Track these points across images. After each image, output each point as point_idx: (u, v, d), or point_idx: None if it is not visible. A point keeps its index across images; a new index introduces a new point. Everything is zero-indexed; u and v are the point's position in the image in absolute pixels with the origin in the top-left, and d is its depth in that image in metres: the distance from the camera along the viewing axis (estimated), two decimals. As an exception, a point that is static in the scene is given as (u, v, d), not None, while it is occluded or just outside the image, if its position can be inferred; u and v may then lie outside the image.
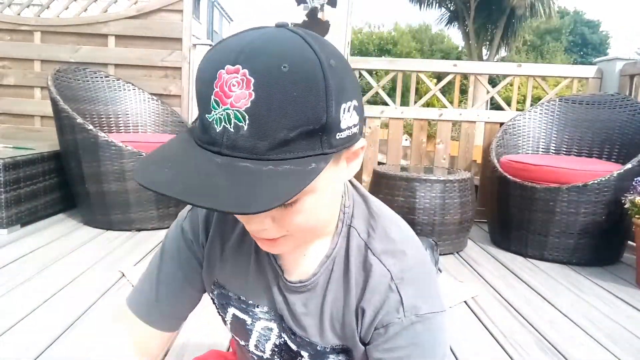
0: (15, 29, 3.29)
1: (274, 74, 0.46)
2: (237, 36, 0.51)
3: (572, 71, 3.34)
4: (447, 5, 17.27)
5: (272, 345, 0.71)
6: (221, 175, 0.47)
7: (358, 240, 0.63)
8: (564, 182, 2.39)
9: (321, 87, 0.47)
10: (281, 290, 0.66)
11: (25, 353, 1.33)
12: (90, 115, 2.90)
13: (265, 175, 0.46)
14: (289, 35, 0.50)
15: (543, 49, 26.53)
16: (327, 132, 0.49)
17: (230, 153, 0.47)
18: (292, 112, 0.46)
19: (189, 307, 0.76)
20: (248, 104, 0.46)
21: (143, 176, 0.49)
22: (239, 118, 0.46)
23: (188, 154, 0.50)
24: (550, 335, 1.63)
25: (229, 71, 0.47)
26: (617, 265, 2.46)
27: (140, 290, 0.73)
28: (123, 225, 2.61)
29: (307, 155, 0.48)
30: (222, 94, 0.47)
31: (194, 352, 1.36)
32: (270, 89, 0.46)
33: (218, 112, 0.47)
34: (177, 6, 3.23)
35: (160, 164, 0.50)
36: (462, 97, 8.00)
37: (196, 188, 0.46)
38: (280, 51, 0.48)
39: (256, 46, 0.48)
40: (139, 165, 0.51)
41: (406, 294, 0.60)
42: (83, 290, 1.79)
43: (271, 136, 0.46)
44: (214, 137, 0.48)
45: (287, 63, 0.46)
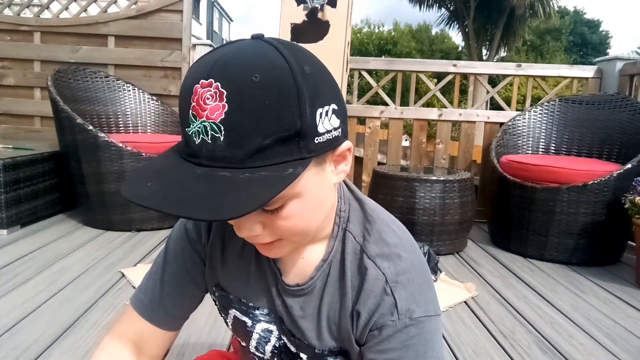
0: (15, 29, 3.29)
1: (245, 85, 0.48)
2: (213, 51, 0.53)
3: (572, 71, 3.34)
4: (446, 5, 17.28)
5: (272, 347, 0.71)
6: (200, 184, 0.48)
7: (354, 243, 0.63)
8: (564, 182, 2.39)
9: (292, 94, 0.48)
10: (280, 293, 0.67)
11: (25, 353, 1.33)
12: (90, 116, 2.90)
13: (242, 182, 0.48)
14: (261, 45, 0.51)
15: (543, 49, 26.52)
16: (304, 137, 0.50)
17: (209, 163, 0.49)
18: (265, 120, 0.47)
19: (192, 307, 0.77)
20: (222, 115, 0.47)
21: (128, 191, 0.51)
22: (214, 129, 0.48)
23: (171, 167, 0.52)
24: (550, 335, 1.63)
25: (203, 85, 0.49)
26: (617, 265, 2.46)
27: (144, 290, 0.74)
28: (123, 226, 2.61)
29: (285, 162, 0.49)
30: (198, 107, 0.49)
31: (194, 352, 1.36)
32: (242, 99, 0.47)
33: (196, 125, 0.49)
34: (177, 6, 3.23)
35: (145, 179, 0.53)
36: (462, 97, 8.00)
37: (174, 199, 0.48)
38: (251, 62, 0.49)
39: (228, 59, 0.50)
40: (128, 180, 0.54)
41: (400, 297, 0.60)
42: (83, 291, 1.79)
43: (247, 145, 0.48)
44: (194, 149, 0.50)
45: (258, 73, 0.48)
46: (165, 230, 2.68)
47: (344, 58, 2.91)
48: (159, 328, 0.73)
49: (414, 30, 29.21)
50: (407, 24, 29.88)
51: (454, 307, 1.83)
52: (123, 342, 0.72)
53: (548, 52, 26.10)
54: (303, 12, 3.05)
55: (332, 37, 3.05)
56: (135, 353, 0.72)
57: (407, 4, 17.66)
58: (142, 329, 0.72)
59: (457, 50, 28.08)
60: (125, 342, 0.72)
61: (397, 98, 3.40)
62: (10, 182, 2.42)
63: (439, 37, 29.36)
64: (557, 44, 27.48)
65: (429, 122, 3.48)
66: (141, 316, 0.72)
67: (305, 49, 0.55)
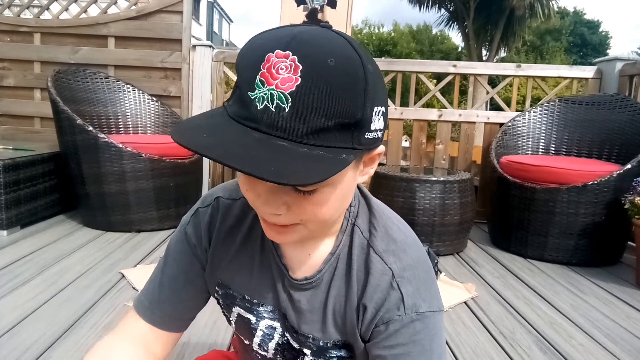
0: (15, 30, 3.29)
1: (321, 65, 0.49)
2: (286, 27, 0.54)
3: (571, 72, 3.34)
4: (446, 6, 17.28)
5: (275, 344, 0.72)
6: (260, 148, 0.48)
7: (361, 238, 0.65)
8: (563, 183, 2.39)
9: (361, 86, 0.50)
10: (286, 288, 0.67)
11: (25, 354, 1.33)
12: (90, 117, 2.90)
13: (301, 155, 0.48)
14: (334, 35, 0.53)
15: (543, 50, 26.52)
16: (359, 128, 0.51)
17: (268, 131, 0.49)
18: (332, 103, 0.49)
19: (194, 309, 0.77)
20: (293, 88, 0.48)
21: (182, 137, 0.50)
22: (282, 99, 0.48)
23: (225, 126, 0.51)
24: (550, 335, 1.63)
25: (279, 55, 0.49)
26: (617, 266, 2.46)
27: (145, 292, 0.75)
28: (123, 227, 2.61)
29: (339, 147, 0.50)
30: (268, 75, 0.49)
31: (194, 353, 1.36)
32: (316, 77, 0.48)
33: (262, 91, 0.49)
34: (177, 7, 3.23)
35: (197, 130, 0.52)
36: (461, 97, 8.00)
37: (237, 155, 0.47)
38: (328, 46, 0.51)
39: (306, 37, 0.51)
40: (175, 129, 0.52)
41: (407, 292, 0.61)
42: (83, 292, 1.79)
43: (310, 121, 0.48)
44: (254, 113, 0.50)
45: (333, 58, 0.49)
46: (165, 231, 2.68)
47: (343, 59, 2.91)
48: (159, 329, 0.74)
49: (414, 31, 29.22)
50: (407, 25, 29.92)
51: (454, 307, 1.83)
52: (127, 340, 0.73)
53: (548, 53, 26.10)
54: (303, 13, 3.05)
55: (332, 38, 3.04)
56: (137, 349, 0.72)
57: (406, 4, 17.68)
58: (144, 331, 0.73)
59: (457, 50, 28.09)
60: (129, 340, 0.73)
61: (396, 98, 3.40)
62: (10, 183, 2.42)
63: (438, 38, 29.37)
64: (557, 45, 27.49)
65: (428, 123, 3.48)
66: (142, 319, 0.73)
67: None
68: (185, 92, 3.28)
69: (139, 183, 2.57)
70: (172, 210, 2.72)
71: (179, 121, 3.16)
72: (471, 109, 3.49)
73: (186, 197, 2.79)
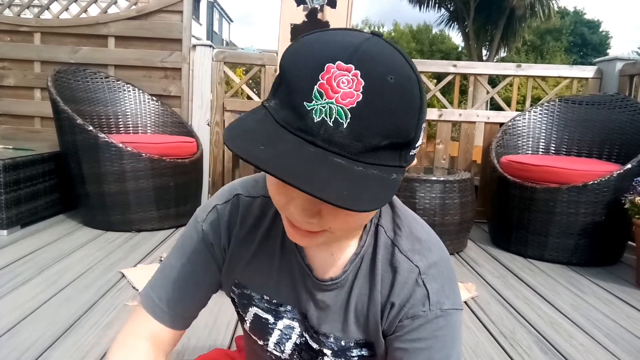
0: (15, 30, 3.29)
1: (382, 83, 0.48)
2: (345, 34, 0.52)
3: (571, 72, 3.34)
4: (446, 6, 17.27)
5: (292, 345, 0.72)
6: (319, 165, 0.46)
7: (385, 238, 0.65)
8: (563, 183, 2.39)
9: (416, 105, 0.50)
10: (309, 289, 0.67)
11: (25, 354, 1.33)
12: (90, 116, 2.90)
13: (359, 175, 0.47)
14: (389, 47, 0.52)
15: (543, 49, 26.51)
16: (408, 147, 0.51)
17: (324, 145, 0.47)
18: (389, 122, 0.48)
19: (201, 307, 0.77)
20: (353, 104, 0.47)
21: (239, 148, 0.47)
22: (341, 114, 0.47)
23: (279, 136, 0.48)
24: (550, 335, 1.63)
25: (341, 67, 0.47)
26: (617, 265, 2.46)
27: (156, 289, 0.73)
28: (123, 226, 2.61)
29: (390, 165, 0.50)
30: (328, 87, 0.47)
31: (194, 352, 1.36)
32: (377, 95, 0.47)
33: (320, 104, 0.47)
34: (177, 7, 3.23)
35: (252, 140, 0.48)
36: (461, 97, 7.99)
37: (299, 173, 0.45)
38: (388, 62, 0.50)
39: (367, 51, 0.49)
40: (229, 135, 0.49)
41: (432, 288, 0.62)
42: (83, 291, 1.79)
43: (366, 140, 0.47)
44: (310, 126, 0.47)
45: (394, 75, 0.48)
46: (165, 231, 2.68)
47: (343, 58, 2.91)
48: (167, 327, 0.73)
49: (414, 31, 29.21)
50: (408, 25, 29.90)
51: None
52: (139, 339, 0.72)
53: (548, 53, 26.09)
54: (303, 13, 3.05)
55: (332, 38, 3.04)
56: (151, 349, 0.72)
57: (406, 4, 17.66)
58: (153, 328, 0.72)
59: (457, 50, 28.07)
60: (140, 339, 0.72)
61: (397, 98, 3.40)
62: (11, 182, 2.42)
63: (438, 38, 29.36)
64: (557, 44, 27.47)
65: (429, 123, 3.48)
66: (151, 315, 0.72)
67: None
68: (185, 91, 3.28)
69: (139, 183, 2.57)
70: (172, 210, 2.72)
71: (180, 119, 3.16)
72: (471, 108, 3.49)
73: (186, 196, 2.79)
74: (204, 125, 3.30)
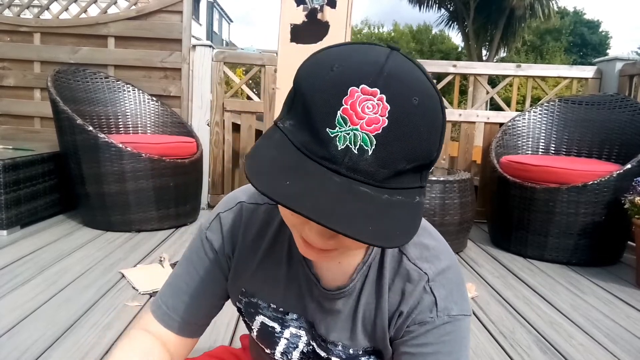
0: (15, 30, 3.29)
1: (407, 106, 0.46)
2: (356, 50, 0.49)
3: (571, 72, 3.34)
4: (446, 6, 17.27)
5: (299, 354, 0.71)
6: (347, 198, 0.45)
7: None
8: (563, 183, 2.39)
9: (439, 125, 0.48)
10: (316, 298, 0.66)
11: (25, 354, 1.33)
12: (90, 117, 2.90)
13: (385, 205, 0.46)
14: (409, 64, 0.50)
15: (543, 50, 26.53)
16: (428, 167, 0.50)
17: (348, 174, 0.46)
18: (414, 146, 0.46)
19: (211, 315, 0.76)
20: (379, 130, 0.45)
21: (267, 186, 0.45)
22: (366, 141, 0.45)
23: (302, 166, 0.46)
24: (550, 335, 1.63)
25: (365, 92, 0.45)
26: (617, 265, 2.46)
27: (164, 298, 0.73)
28: (123, 226, 2.61)
29: (412, 187, 0.49)
30: (352, 112, 0.45)
31: (194, 352, 1.36)
32: (402, 119, 0.45)
33: (344, 130, 0.45)
34: (177, 7, 3.23)
35: (276, 175, 0.46)
36: (461, 97, 8.00)
37: (328, 210, 0.43)
38: (412, 82, 0.48)
39: (391, 72, 0.47)
40: (251, 170, 0.47)
41: (440, 295, 0.62)
42: (83, 292, 1.79)
43: (392, 165, 0.46)
44: (333, 154, 0.45)
45: (418, 96, 0.47)
46: (165, 231, 2.68)
47: (343, 59, 2.90)
48: (177, 335, 0.73)
49: (414, 31, 29.21)
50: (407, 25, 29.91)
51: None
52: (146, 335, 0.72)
53: (548, 53, 26.10)
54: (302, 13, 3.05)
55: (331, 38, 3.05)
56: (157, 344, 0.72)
57: (406, 4, 17.67)
58: (161, 335, 0.72)
59: (456, 50, 28.09)
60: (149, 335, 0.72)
61: (397, 98, 3.40)
62: (10, 182, 2.42)
63: (438, 38, 29.37)
64: (556, 45, 27.49)
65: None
66: (160, 324, 0.72)
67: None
68: (185, 92, 3.28)
69: (139, 183, 2.57)
70: (172, 210, 2.72)
71: (180, 119, 3.16)
72: (471, 108, 3.50)
73: (186, 197, 2.79)
74: (203, 126, 3.30)
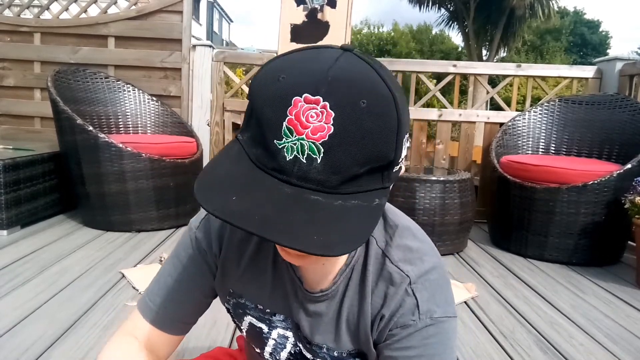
0: (15, 30, 3.29)
1: (353, 110, 0.45)
2: (304, 57, 0.49)
3: (571, 71, 3.34)
4: (446, 6, 17.27)
5: (287, 354, 0.72)
6: (296, 209, 0.45)
7: (376, 249, 0.64)
8: (563, 183, 2.39)
9: (394, 126, 0.47)
10: (300, 300, 0.67)
11: (25, 354, 1.33)
12: (90, 116, 2.90)
13: (337, 211, 0.46)
14: (361, 64, 0.49)
15: (543, 49, 26.52)
16: (390, 167, 0.49)
17: (299, 183, 0.46)
18: (366, 149, 0.46)
19: (198, 313, 0.77)
20: (325, 138, 0.45)
21: (212, 204, 0.45)
22: (313, 150, 0.45)
23: (253, 179, 0.47)
24: (550, 335, 1.63)
25: (308, 100, 0.45)
26: (617, 265, 2.46)
27: (151, 295, 0.74)
28: (123, 226, 2.61)
29: (371, 190, 0.48)
30: (297, 123, 0.45)
31: (194, 352, 1.36)
32: (349, 124, 0.45)
33: (290, 141, 0.45)
34: (177, 7, 3.23)
35: (225, 190, 0.47)
36: (461, 97, 7.99)
37: (273, 223, 0.44)
38: (359, 84, 0.47)
39: (336, 76, 0.46)
40: (200, 188, 0.48)
41: (422, 298, 0.61)
42: (83, 291, 1.79)
43: (343, 171, 0.46)
44: (282, 165, 0.46)
45: (365, 98, 0.46)
46: (165, 231, 2.68)
47: (343, 58, 2.90)
48: (164, 332, 0.73)
49: (414, 31, 29.21)
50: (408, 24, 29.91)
51: (454, 307, 1.83)
52: (132, 340, 0.72)
53: (548, 53, 26.09)
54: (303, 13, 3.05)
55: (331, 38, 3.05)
56: (143, 350, 0.72)
57: (406, 4, 17.66)
58: (148, 333, 0.72)
59: (457, 50, 28.07)
60: (134, 341, 0.72)
61: (397, 98, 3.40)
62: (11, 182, 2.42)
63: (438, 38, 29.36)
64: (557, 45, 27.48)
65: (429, 123, 3.49)
66: (147, 321, 0.72)
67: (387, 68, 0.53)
68: (185, 92, 3.28)
69: (139, 183, 2.57)
70: (172, 210, 2.72)
71: (180, 119, 3.16)
72: (471, 108, 3.49)
73: (186, 197, 2.79)
74: (204, 126, 3.30)
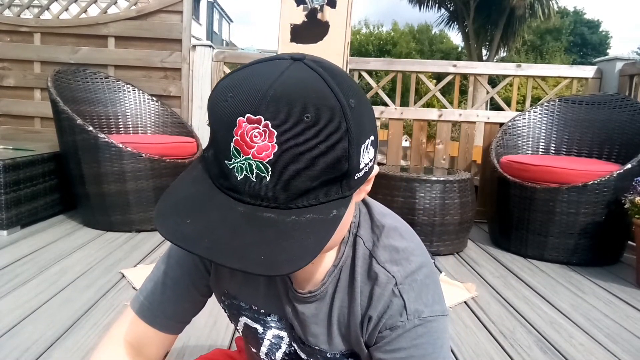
0: (15, 30, 3.29)
1: (297, 126, 0.45)
2: (252, 73, 0.49)
3: (571, 71, 3.34)
4: (446, 5, 17.26)
5: (282, 354, 0.72)
6: (247, 228, 0.46)
7: (363, 249, 0.64)
8: (563, 182, 2.39)
9: (343, 137, 0.46)
10: (290, 300, 0.67)
11: (25, 354, 1.33)
12: (90, 117, 2.90)
13: (289, 227, 0.46)
14: (309, 75, 0.48)
15: (543, 49, 26.52)
16: (347, 177, 0.49)
17: (252, 202, 0.47)
18: (315, 164, 0.46)
19: (193, 312, 0.77)
20: (271, 156, 0.45)
21: (166, 228, 0.47)
22: (261, 169, 0.46)
23: (210, 199, 0.48)
24: (550, 335, 1.63)
25: (250, 120, 0.45)
26: (617, 265, 2.46)
27: (145, 293, 0.73)
28: (123, 226, 2.61)
29: (328, 201, 0.48)
30: (243, 143, 0.45)
31: (194, 352, 1.37)
32: (294, 141, 0.45)
33: (239, 161, 0.46)
34: (177, 7, 3.23)
35: (180, 212, 0.48)
36: (461, 97, 8.00)
37: (223, 245, 0.45)
38: (301, 99, 0.46)
39: (277, 93, 0.45)
40: (158, 212, 0.49)
41: (409, 298, 0.61)
42: (83, 292, 1.79)
43: (294, 187, 0.46)
44: (235, 184, 0.47)
45: (309, 112, 0.45)
46: (165, 231, 2.68)
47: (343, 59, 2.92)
48: (158, 331, 0.73)
49: (414, 31, 29.21)
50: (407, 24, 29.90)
51: (454, 307, 1.83)
52: (121, 344, 0.72)
53: (548, 53, 26.09)
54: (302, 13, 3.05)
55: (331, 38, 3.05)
56: (133, 355, 0.72)
57: (406, 4, 17.65)
58: (141, 331, 0.72)
59: (457, 50, 28.08)
60: (123, 344, 0.72)
61: (397, 98, 3.40)
62: (11, 183, 2.42)
63: (438, 38, 29.37)
64: (557, 44, 27.48)
65: (429, 123, 3.49)
66: (141, 319, 0.72)
67: (345, 73, 0.52)
68: (185, 92, 3.28)
69: (139, 183, 2.57)
70: (172, 210, 2.72)
71: (180, 119, 3.16)
72: (471, 108, 3.49)
73: (186, 197, 2.78)
74: (204, 126, 3.30)
